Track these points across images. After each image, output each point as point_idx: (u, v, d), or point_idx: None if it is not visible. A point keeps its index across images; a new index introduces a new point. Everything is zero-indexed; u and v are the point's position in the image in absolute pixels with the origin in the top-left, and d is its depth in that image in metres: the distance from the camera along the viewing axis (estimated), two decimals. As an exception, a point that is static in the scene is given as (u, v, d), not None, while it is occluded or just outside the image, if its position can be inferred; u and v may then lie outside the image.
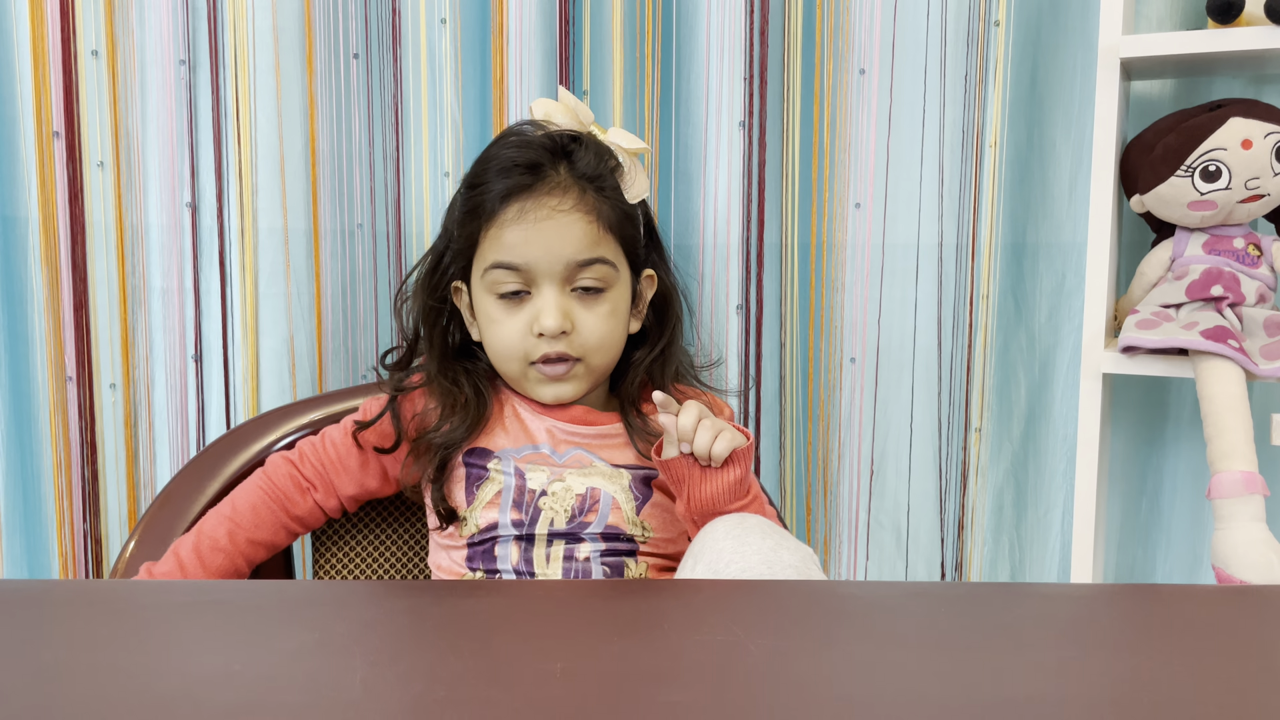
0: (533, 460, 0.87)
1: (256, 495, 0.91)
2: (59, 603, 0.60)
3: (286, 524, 0.91)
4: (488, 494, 0.87)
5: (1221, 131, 1.06)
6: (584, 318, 0.86)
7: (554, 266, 0.84)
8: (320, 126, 1.23)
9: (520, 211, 0.84)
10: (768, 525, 0.76)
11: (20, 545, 1.23)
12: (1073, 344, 1.24)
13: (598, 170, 0.86)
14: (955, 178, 1.23)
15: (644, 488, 0.88)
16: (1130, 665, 0.51)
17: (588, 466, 0.88)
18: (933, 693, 0.47)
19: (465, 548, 0.87)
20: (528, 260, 0.84)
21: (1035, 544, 1.28)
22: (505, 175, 0.84)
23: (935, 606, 0.60)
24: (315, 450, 0.92)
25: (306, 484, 0.92)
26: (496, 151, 0.87)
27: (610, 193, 0.87)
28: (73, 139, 1.19)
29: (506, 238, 0.84)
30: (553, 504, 0.85)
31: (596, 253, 0.85)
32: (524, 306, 0.86)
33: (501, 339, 0.87)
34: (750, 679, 0.48)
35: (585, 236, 0.84)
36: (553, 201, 0.84)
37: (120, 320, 1.23)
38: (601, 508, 0.86)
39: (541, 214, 0.83)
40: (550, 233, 0.83)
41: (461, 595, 0.63)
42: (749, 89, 1.23)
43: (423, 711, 0.44)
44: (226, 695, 0.46)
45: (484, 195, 0.85)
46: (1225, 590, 0.66)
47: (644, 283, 0.92)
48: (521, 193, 0.84)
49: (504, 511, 0.86)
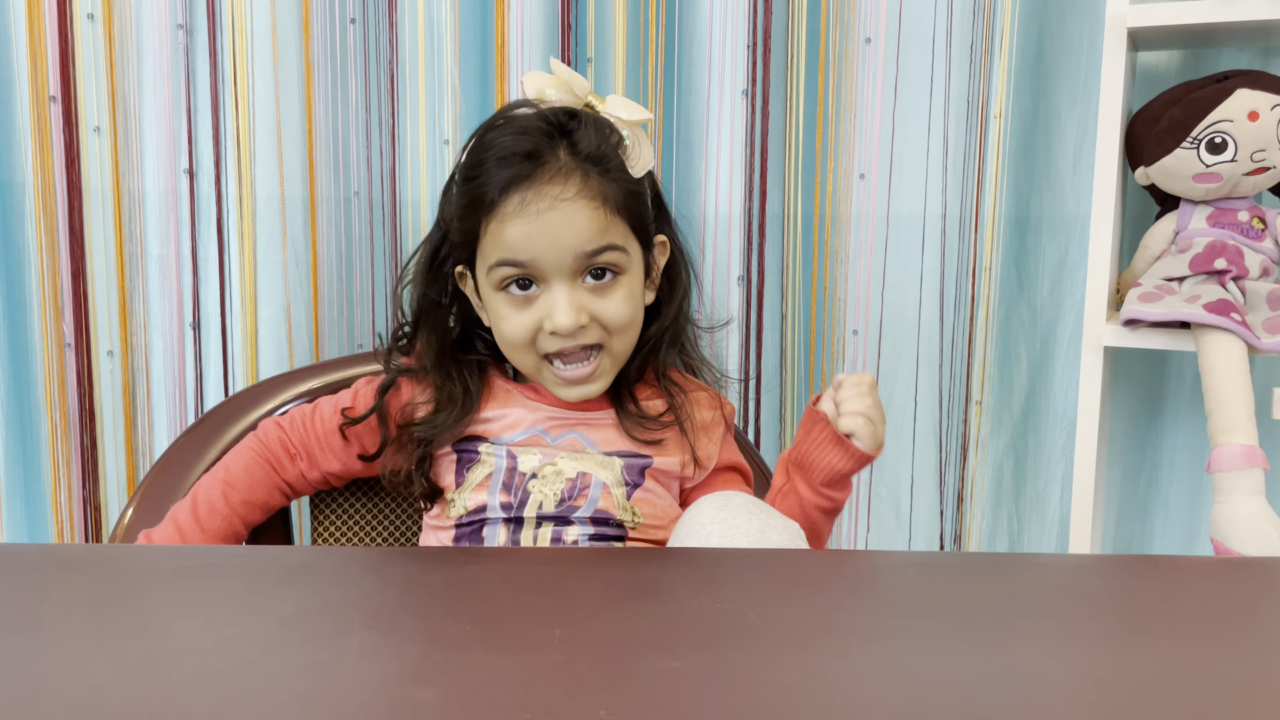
0: (525, 444, 0.86)
1: (249, 457, 0.90)
2: (57, 567, 0.59)
3: (279, 485, 0.91)
4: (477, 476, 0.85)
5: (1228, 103, 1.05)
6: (600, 306, 0.81)
7: (562, 260, 0.79)
8: (317, 92, 1.22)
9: (521, 204, 0.78)
10: (754, 504, 0.74)
11: (19, 512, 1.23)
12: (1074, 317, 1.23)
13: (600, 149, 0.81)
14: (960, 149, 1.22)
15: (637, 475, 0.86)
16: (1127, 635, 0.51)
17: (581, 451, 0.86)
18: (931, 660, 0.47)
19: (453, 529, 0.85)
20: (533, 256, 0.79)
21: (1034, 517, 1.28)
22: (503, 165, 0.79)
23: (934, 575, 0.60)
24: (305, 421, 0.91)
25: (295, 451, 0.91)
26: (492, 138, 0.82)
27: (615, 172, 0.81)
28: (69, 104, 1.18)
29: (509, 233, 0.79)
30: (542, 487, 0.84)
31: (605, 240, 0.80)
32: (533, 303, 0.81)
33: (512, 334, 0.83)
34: (748, 645, 0.48)
35: (592, 224, 0.79)
36: (554, 190, 0.78)
37: (118, 287, 1.22)
38: (591, 492, 0.84)
39: (543, 205, 0.78)
40: (555, 224, 0.78)
41: (459, 562, 0.63)
42: (752, 57, 1.22)
43: (420, 675, 0.44)
44: (223, 658, 0.46)
45: (482, 187, 0.80)
46: (1223, 561, 0.66)
47: (656, 250, 0.88)
48: (521, 183, 0.79)
49: (493, 494, 0.84)
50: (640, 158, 0.84)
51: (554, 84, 0.83)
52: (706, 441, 0.91)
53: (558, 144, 0.80)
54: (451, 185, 0.85)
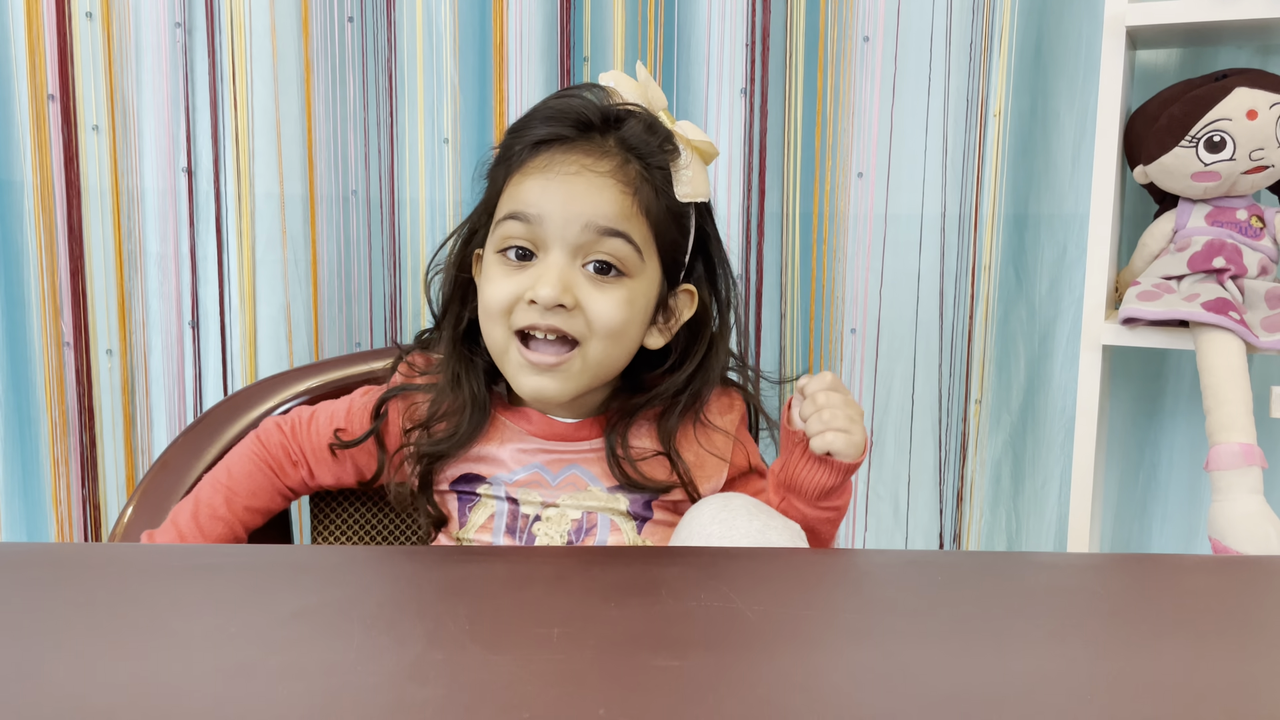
0: (525, 484, 0.81)
1: (251, 462, 0.88)
2: (56, 565, 0.59)
3: (280, 489, 0.89)
4: (480, 518, 0.82)
5: (1227, 102, 1.05)
6: (593, 296, 0.74)
7: (569, 226, 0.73)
8: (316, 91, 1.22)
9: (549, 161, 0.74)
10: (754, 505, 0.73)
11: (19, 510, 1.23)
12: (1073, 316, 1.23)
13: (647, 146, 0.76)
14: (959, 147, 1.22)
15: (644, 507, 0.82)
16: (1126, 634, 0.51)
17: (583, 489, 0.81)
18: (931, 659, 0.47)
19: None
20: (541, 212, 0.73)
21: (1032, 515, 1.28)
22: (546, 124, 0.76)
23: (933, 574, 0.60)
24: (303, 428, 0.88)
25: (296, 457, 0.88)
26: (546, 102, 0.79)
27: (657, 176, 0.76)
28: (68, 102, 1.18)
29: (526, 185, 0.74)
30: (548, 530, 0.80)
31: (621, 226, 0.74)
32: (525, 270, 0.75)
33: (491, 298, 0.76)
34: (747, 644, 0.48)
35: (613, 204, 0.74)
36: (587, 159, 0.74)
37: (117, 285, 1.22)
38: (599, 532, 0.81)
39: (570, 168, 0.74)
40: (575, 188, 0.73)
41: (458, 561, 0.63)
42: (750, 55, 1.22)
43: (419, 674, 0.44)
44: (222, 656, 0.46)
45: (518, 142, 0.76)
46: (1221, 560, 0.66)
47: (680, 298, 0.81)
48: (557, 144, 0.75)
49: (497, 536, 0.81)
50: (691, 181, 0.78)
51: (630, 86, 0.79)
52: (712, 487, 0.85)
53: (609, 128, 0.77)
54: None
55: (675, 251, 0.79)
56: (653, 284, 0.78)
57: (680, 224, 0.79)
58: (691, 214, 0.80)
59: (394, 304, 1.30)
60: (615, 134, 0.76)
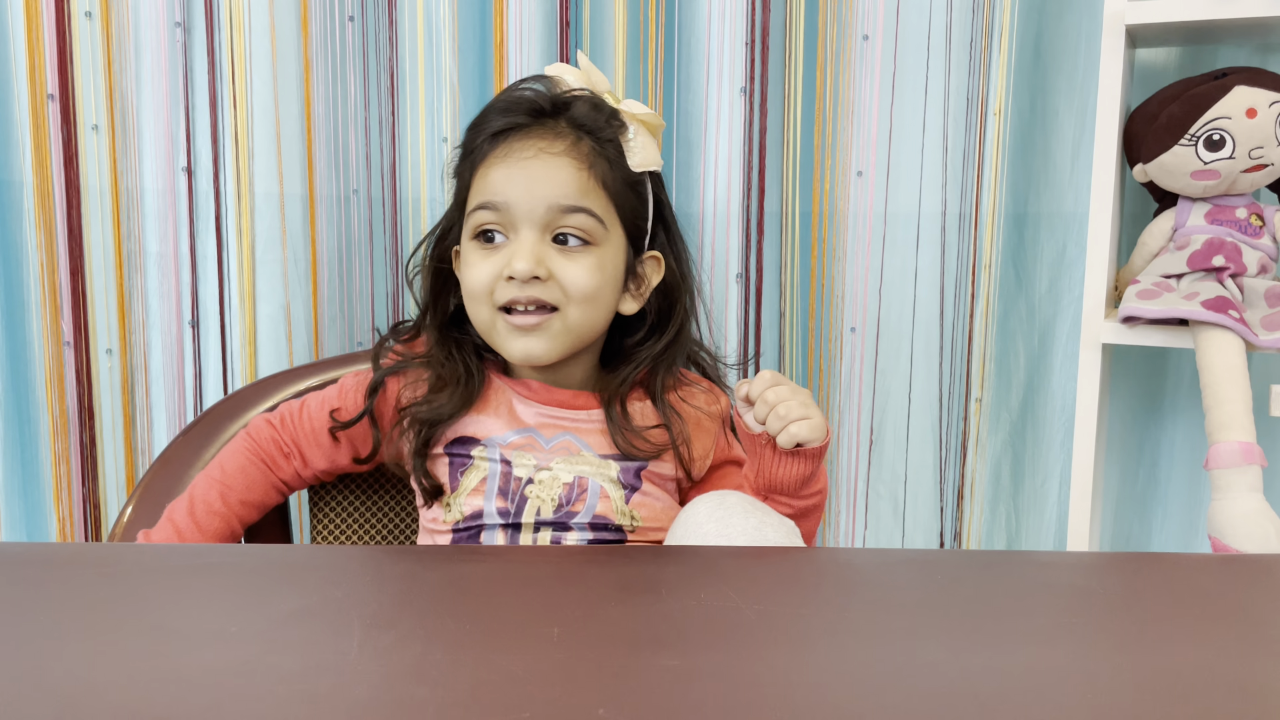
0: (518, 446, 0.85)
1: (243, 456, 0.89)
2: (55, 566, 0.60)
3: (275, 484, 0.91)
4: (472, 481, 0.84)
5: (1226, 100, 1.05)
6: (565, 266, 0.81)
7: (534, 208, 0.80)
8: (316, 90, 1.22)
9: (508, 150, 0.81)
10: (750, 503, 0.74)
11: (19, 509, 1.23)
12: (1073, 314, 1.23)
13: (595, 122, 0.83)
14: (958, 146, 1.22)
15: (633, 477, 0.86)
16: (1126, 633, 0.51)
17: (575, 455, 0.85)
18: (929, 659, 0.47)
19: (450, 534, 0.85)
20: (508, 199, 0.81)
21: (1032, 514, 1.28)
22: (500, 116, 0.83)
23: (933, 573, 0.60)
24: (294, 417, 0.90)
25: (288, 450, 0.90)
26: (500, 97, 0.86)
27: (609, 149, 0.83)
28: (67, 102, 1.18)
29: (491, 176, 0.82)
30: (539, 492, 0.83)
31: (582, 202, 0.81)
32: (498, 251, 0.82)
33: (472, 282, 0.83)
34: (746, 644, 0.48)
35: (571, 182, 0.81)
36: (542, 143, 0.81)
37: (116, 285, 1.22)
38: (589, 497, 0.84)
39: (528, 153, 0.81)
40: (535, 172, 0.80)
41: (458, 560, 0.63)
42: (750, 54, 1.22)
43: (420, 675, 0.44)
44: (222, 657, 0.46)
45: (477, 138, 0.84)
46: (1221, 558, 0.66)
47: (648, 264, 0.88)
48: (512, 133, 0.82)
49: (489, 499, 0.83)
50: (641, 151, 0.85)
51: (573, 74, 0.86)
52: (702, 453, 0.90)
53: (558, 111, 0.84)
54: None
55: (636, 219, 0.86)
56: (619, 250, 0.85)
57: (638, 192, 0.86)
58: (648, 182, 0.87)
59: (396, 303, 1.30)
60: (565, 115, 0.83)
